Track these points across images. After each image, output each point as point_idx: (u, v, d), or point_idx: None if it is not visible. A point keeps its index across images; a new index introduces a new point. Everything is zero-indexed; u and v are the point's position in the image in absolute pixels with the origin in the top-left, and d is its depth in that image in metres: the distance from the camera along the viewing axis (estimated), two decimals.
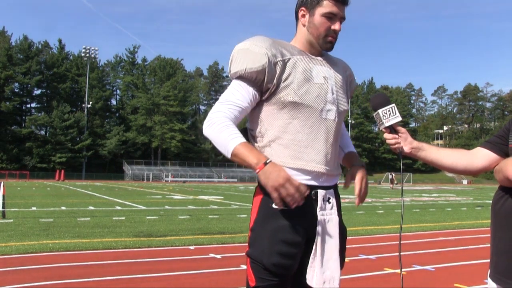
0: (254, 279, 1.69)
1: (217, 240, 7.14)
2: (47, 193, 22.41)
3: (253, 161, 1.60)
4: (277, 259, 1.63)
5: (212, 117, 1.69)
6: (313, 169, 1.72)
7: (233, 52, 1.77)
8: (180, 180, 62.47)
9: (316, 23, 1.78)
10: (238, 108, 1.71)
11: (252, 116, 1.82)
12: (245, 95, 1.73)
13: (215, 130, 1.66)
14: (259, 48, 1.71)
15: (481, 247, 6.91)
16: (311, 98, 1.73)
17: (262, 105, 1.77)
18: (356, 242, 7.20)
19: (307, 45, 1.84)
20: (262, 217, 1.71)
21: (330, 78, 1.82)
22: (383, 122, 1.79)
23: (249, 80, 1.72)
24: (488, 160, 1.70)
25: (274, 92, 1.73)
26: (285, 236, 1.65)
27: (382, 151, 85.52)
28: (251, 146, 1.65)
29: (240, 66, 1.72)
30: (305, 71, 1.76)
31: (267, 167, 1.58)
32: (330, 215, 1.76)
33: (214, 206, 14.76)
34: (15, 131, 67.36)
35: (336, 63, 1.93)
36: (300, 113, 1.73)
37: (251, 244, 1.71)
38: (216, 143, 1.67)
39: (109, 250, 6.15)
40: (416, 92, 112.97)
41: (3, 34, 71.38)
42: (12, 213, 11.14)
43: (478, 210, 14.59)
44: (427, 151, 1.78)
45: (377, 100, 1.82)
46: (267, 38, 1.79)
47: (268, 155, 1.74)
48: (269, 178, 1.56)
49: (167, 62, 78.69)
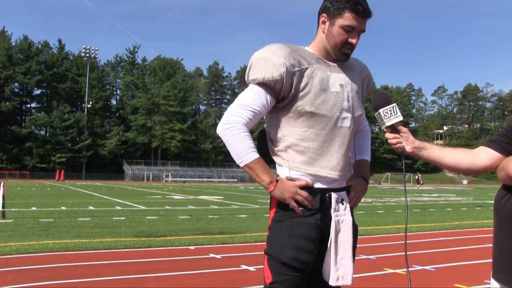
0: (271, 275, 1.74)
1: (217, 240, 7.13)
2: (47, 193, 22.40)
3: (267, 179, 1.75)
4: (295, 253, 1.70)
5: (231, 121, 1.76)
6: (327, 175, 1.80)
7: (252, 59, 1.82)
8: (180, 180, 62.46)
9: (334, 33, 1.79)
10: (255, 113, 1.78)
11: (271, 121, 1.89)
12: (262, 101, 1.78)
13: (234, 136, 1.75)
14: (278, 58, 1.75)
15: (481, 247, 6.91)
16: (327, 108, 1.78)
17: (280, 112, 1.83)
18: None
19: (324, 51, 1.86)
20: (279, 216, 1.80)
21: (347, 85, 1.85)
22: (384, 121, 1.79)
23: (268, 87, 1.77)
24: (491, 159, 1.69)
25: (292, 101, 1.78)
26: (301, 231, 1.73)
27: (382, 151, 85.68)
28: (265, 164, 1.78)
29: (258, 74, 1.77)
30: (322, 81, 1.79)
31: (278, 184, 1.76)
32: (344, 215, 1.84)
33: (214, 206, 14.76)
34: (15, 131, 67.37)
35: (352, 67, 1.94)
36: (316, 123, 1.79)
37: (269, 242, 1.79)
38: (232, 148, 1.76)
39: (109, 250, 6.15)
40: (416, 92, 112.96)
41: (3, 34, 71.37)
42: (12, 213, 11.13)
43: (478, 210, 14.58)
44: (429, 150, 1.77)
45: (378, 99, 1.83)
46: (285, 46, 1.81)
47: (283, 159, 1.84)
48: (284, 192, 1.74)
49: (167, 62, 78.69)
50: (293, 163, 1.80)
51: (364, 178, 1.99)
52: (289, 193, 1.73)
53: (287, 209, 1.77)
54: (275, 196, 1.77)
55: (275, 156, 1.88)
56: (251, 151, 1.74)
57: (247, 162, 1.74)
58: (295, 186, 1.75)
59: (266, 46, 1.84)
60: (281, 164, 1.84)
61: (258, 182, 1.77)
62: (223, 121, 1.77)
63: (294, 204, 1.74)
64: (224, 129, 1.76)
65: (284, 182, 1.76)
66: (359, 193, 1.94)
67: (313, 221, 1.76)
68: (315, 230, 1.75)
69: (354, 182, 1.93)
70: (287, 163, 1.82)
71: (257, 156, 1.75)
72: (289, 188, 1.74)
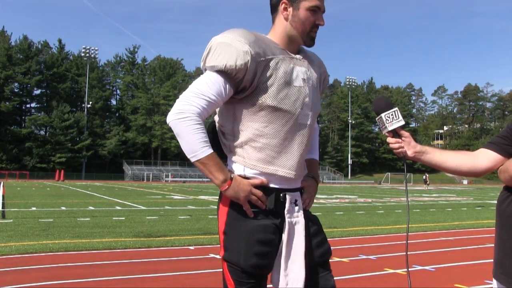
0: (233, 283, 1.67)
1: (217, 240, 7.10)
2: (47, 193, 22.40)
3: (220, 177, 1.62)
4: (255, 260, 1.62)
5: (185, 110, 1.60)
6: (285, 174, 1.71)
7: (211, 44, 1.66)
8: (180, 180, 62.45)
9: (302, 17, 1.70)
10: (210, 103, 1.63)
11: (226, 113, 1.75)
12: (220, 90, 1.64)
13: (187, 128, 1.59)
14: (242, 45, 1.61)
15: (481, 247, 6.91)
16: (289, 103, 1.68)
17: (238, 104, 1.70)
18: (356, 242, 7.20)
19: (287, 40, 1.75)
20: (234, 219, 1.68)
21: (308, 80, 1.77)
22: (386, 126, 1.77)
23: (227, 76, 1.63)
24: (492, 161, 1.69)
25: (253, 93, 1.66)
26: (259, 236, 1.64)
27: (382, 151, 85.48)
28: (219, 160, 1.64)
29: (219, 61, 1.62)
30: (286, 74, 1.69)
31: (233, 182, 1.63)
32: (297, 217, 1.75)
33: (214, 206, 14.75)
34: (15, 131, 67.36)
35: (313, 61, 1.86)
36: (277, 118, 1.68)
37: (226, 247, 1.68)
38: (183, 141, 1.61)
39: (109, 250, 6.15)
40: (416, 92, 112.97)
41: (3, 34, 71.35)
42: (12, 213, 11.14)
43: (478, 210, 14.59)
44: (430, 154, 1.77)
45: (379, 104, 1.80)
46: (249, 32, 1.68)
47: (239, 156, 1.72)
48: (239, 191, 1.63)
49: (167, 62, 78.75)
50: (249, 161, 1.69)
51: (315, 179, 1.94)
52: (243, 192, 1.62)
53: (241, 211, 1.67)
54: (229, 195, 1.64)
55: (228, 152, 1.75)
56: (205, 145, 1.60)
57: (200, 157, 1.59)
58: (249, 185, 1.64)
59: (227, 30, 1.68)
60: (235, 161, 1.72)
61: (211, 179, 1.63)
62: (176, 110, 1.61)
63: (247, 205, 1.64)
64: (176, 119, 1.59)
65: (239, 180, 1.64)
66: (311, 194, 1.88)
67: (269, 223, 1.66)
68: (273, 231, 1.66)
69: (307, 184, 1.86)
70: (242, 160, 1.70)
71: (211, 151, 1.61)
72: (243, 187, 1.62)
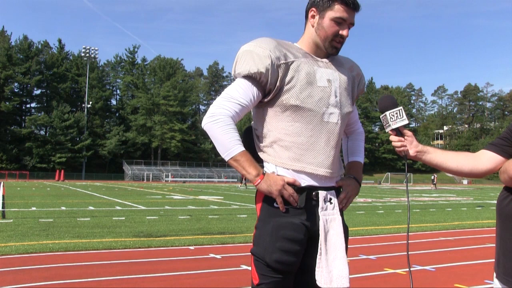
0: (257, 276, 1.71)
1: (217, 240, 7.13)
2: (47, 193, 22.40)
3: (253, 172, 1.70)
4: (279, 255, 1.67)
5: (216, 113, 1.72)
6: (313, 171, 1.76)
7: (238, 53, 1.81)
8: (180, 180, 62.47)
9: (325, 26, 1.79)
10: (241, 106, 1.74)
11: (257, 116, 1.87)
12: (248, 94, 1.75)
13: (219, 128, 1.70)
14: (263, 50, 1.74)
15: (481, 247, 6.91)
16: (313, 102, 1.76)
17: (266, 107, 1.81)
18: (356, 242, 7.19)
19: (313, 46, 1.85)
20: (265, 215, 1.76)
21: (334, 81, 1.83)
22: (390, 124, 1.79)
23: (254, 80, 1.75)
24: (493, 162, 1.70)
25: (277, 95, 1.76)
26: (286, 233, 1.69)
27: (382, 151, 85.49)
28: (250, 157, 1.73)
29: (244, 67, 1.75)
30: (308, 75, 1.77)
31: (265, 177, 1.71)
32: (333, 215, 1.78)
33: (214, 206, 14.76)
34: (15, 131, 67.35)
35: (342, 64, 1.93)
36: (301, 117, 1.76)
37: (255, 242, 1.76)
38: (217, 141, 1.72)
39: (109, 250, 6.15)
40: (416, 92, 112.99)
41: (3, 34, 71.35)
42: (12, 213, 11.13)
43: (478, 210, 14.59)
44: (432, 154, 1.78)
45: (384, 102, 1.83)
46: (272, 40, 1.80)
47: (269, 155, 1.79)
48: (271, 185, 1.70)
49: (167, 62, 78.70)
50: (279, 159, 1.76)
51: (356, 179, 1.94)
52: (276, 186, 1.69)
53: (272, 207, 1.73)
54: (262, 189, 1.71)
55: (261, 152, 1.83)
56: (237, 144, 1.70)
57: (233, 154, 1.70)
58: (282, 180, 1.70)
59: (253, 40, 1.81)
60: (267, 160, 1.80)
61: (244, 175, 1.72)
62: (209, 114, 1.73)
63: (280, 199, 1.70)
64: (210, 122, 1.72)
65: (271, 175, 1.72)
66: (349, 194, 1.87)
67: (298, 221, 1.70)
68: (301, 230, 1.70)
69: (345, 183, 1.88)
70: (273, 159, 1.78)
71: (242, 148, 1.71)
72: (276, 181, 1.69)
